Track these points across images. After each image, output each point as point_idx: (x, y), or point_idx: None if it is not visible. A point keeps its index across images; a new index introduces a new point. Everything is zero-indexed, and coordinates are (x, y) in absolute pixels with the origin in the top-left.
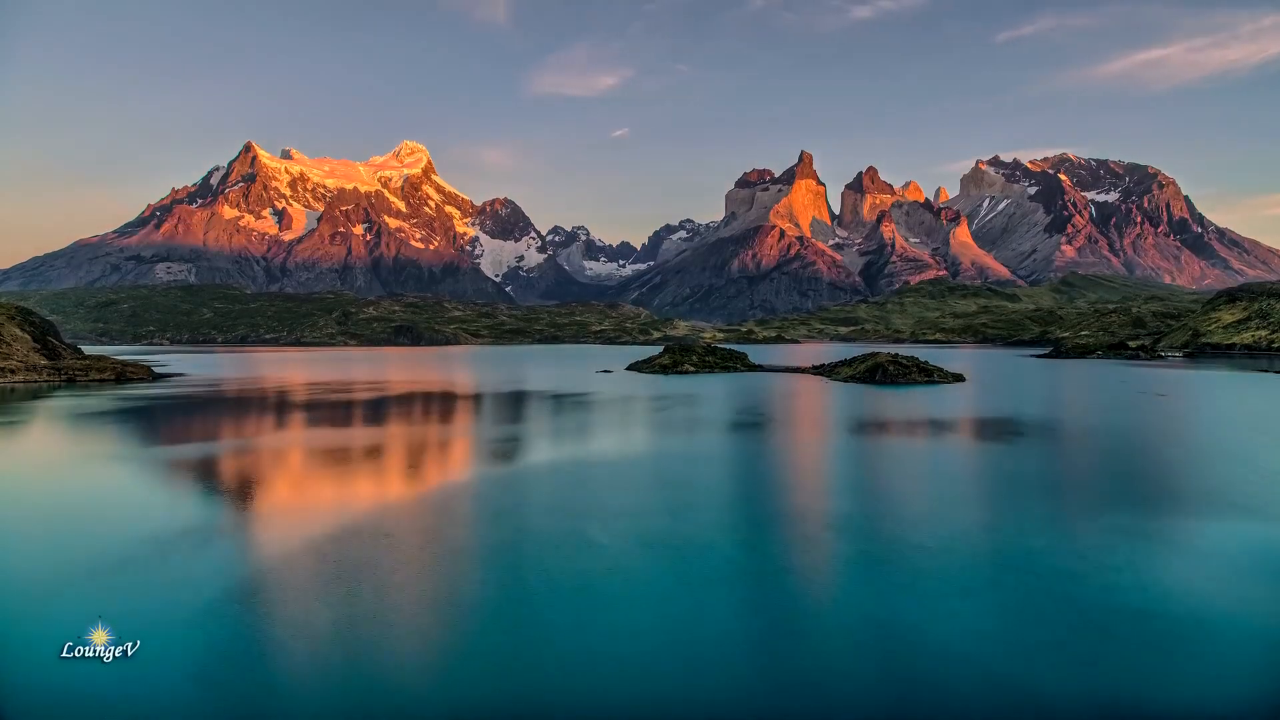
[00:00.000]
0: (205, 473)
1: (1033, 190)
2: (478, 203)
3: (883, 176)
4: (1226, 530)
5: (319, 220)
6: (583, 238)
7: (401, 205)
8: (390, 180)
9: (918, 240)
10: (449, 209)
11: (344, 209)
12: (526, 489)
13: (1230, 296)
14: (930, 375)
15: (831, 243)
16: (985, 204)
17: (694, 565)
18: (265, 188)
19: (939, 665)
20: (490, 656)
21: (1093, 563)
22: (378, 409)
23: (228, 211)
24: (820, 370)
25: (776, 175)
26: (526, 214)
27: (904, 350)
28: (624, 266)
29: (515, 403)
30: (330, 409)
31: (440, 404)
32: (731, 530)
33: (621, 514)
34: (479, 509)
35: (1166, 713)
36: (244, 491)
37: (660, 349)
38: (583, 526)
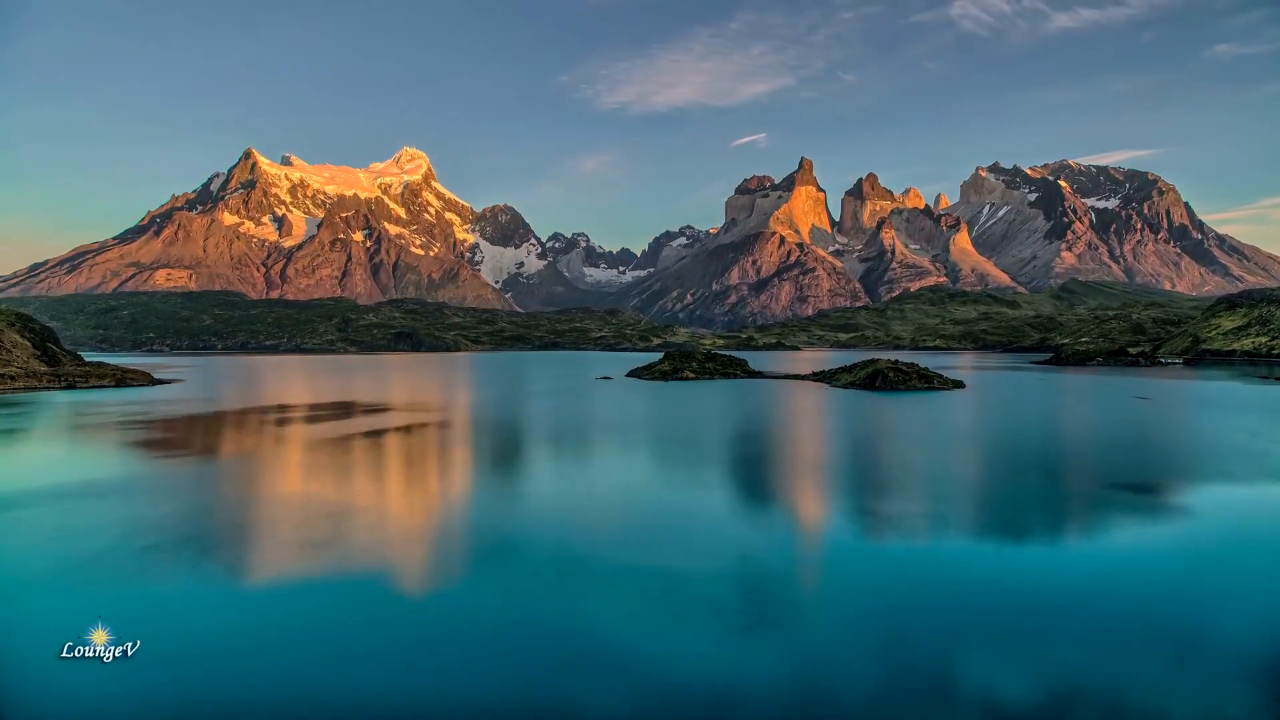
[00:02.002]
0: (204, 476)
1: (1033, 197)
2: (478, 209)
3: (883, 183)
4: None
5: (319, 227)
6: (583, 244)
7: (401, 212)
8: (390, 187)
9: (918, 247)
10: (449, 215)
11: (344, 215)
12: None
13: (1230, 303)
14: (930, 382)
15: (831, 249)
16: (985, 210)
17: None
18: (265, 194)
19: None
20: (487, 661)
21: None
22: (372, 422)
23: (228, 218)
24: (820, 377)
25: (776, 182)
26: (526, 220)
27: (904, 357)
28: (624, 273)
29: (519, 411)
30: (325, 423)
31: (441, 416)
32: (727, 551)
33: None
34: (474, 512)
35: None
36: (243, 494)
37: (660, 355)
38: (594, 530)
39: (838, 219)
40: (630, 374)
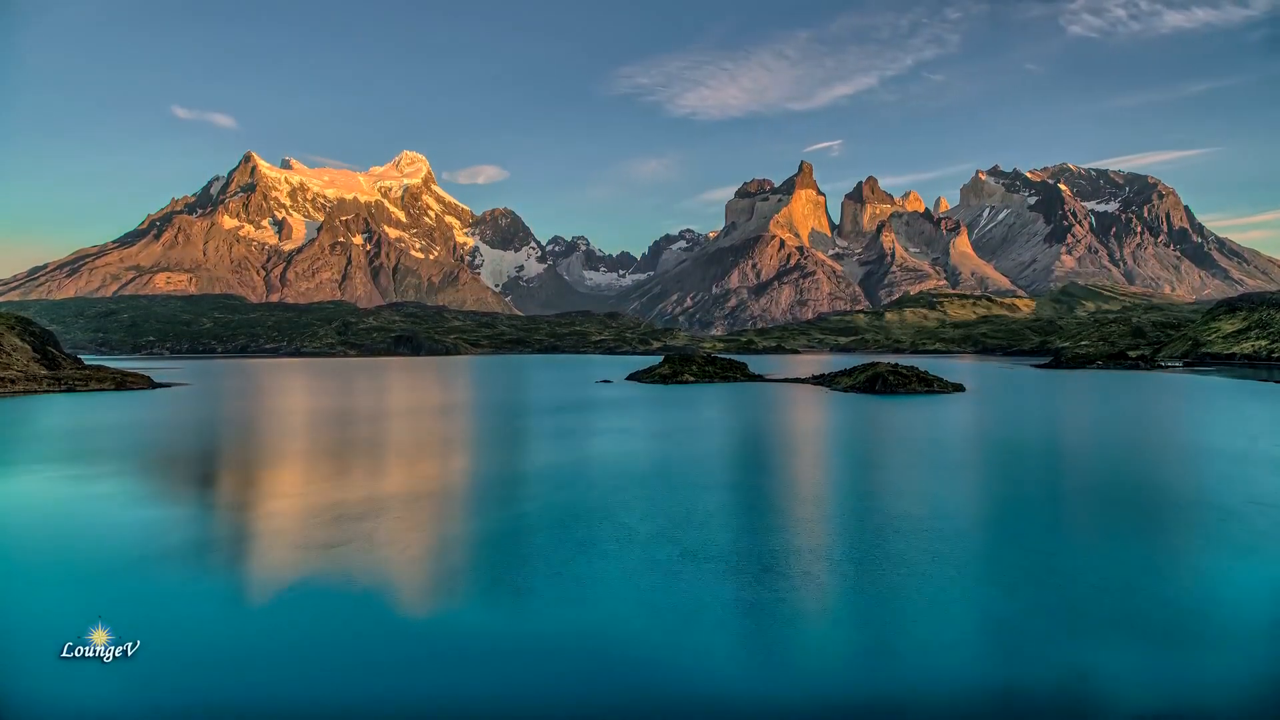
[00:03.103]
0: (202, 478)
1: (1032, 200)
2: (478, 212)
3: (882, 186)
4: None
5: (319, 230)
6: (583, 248)
7: (401, 215)
8: (390, 190)
9: (917, 250)
10: (449, 219)
11: (344, 219)
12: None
13: (1230, 307)
14: (930, 385)
15: (831, 253)
16: (985, 214)
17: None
18: (265, 198)
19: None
20: (490, 667)
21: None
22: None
23: (227, 221)
24: (820, 380)
25: (776, 185)
26: (526, 224)
27: (904, 360)
28: (624, 276)
29: (519, 419)
30: (324, 425)
31: (432, 417)
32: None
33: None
34: (480, 514)
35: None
36: (242, 496)
37: (660, 359)
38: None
39: (837, 222)
40: (630, 377)
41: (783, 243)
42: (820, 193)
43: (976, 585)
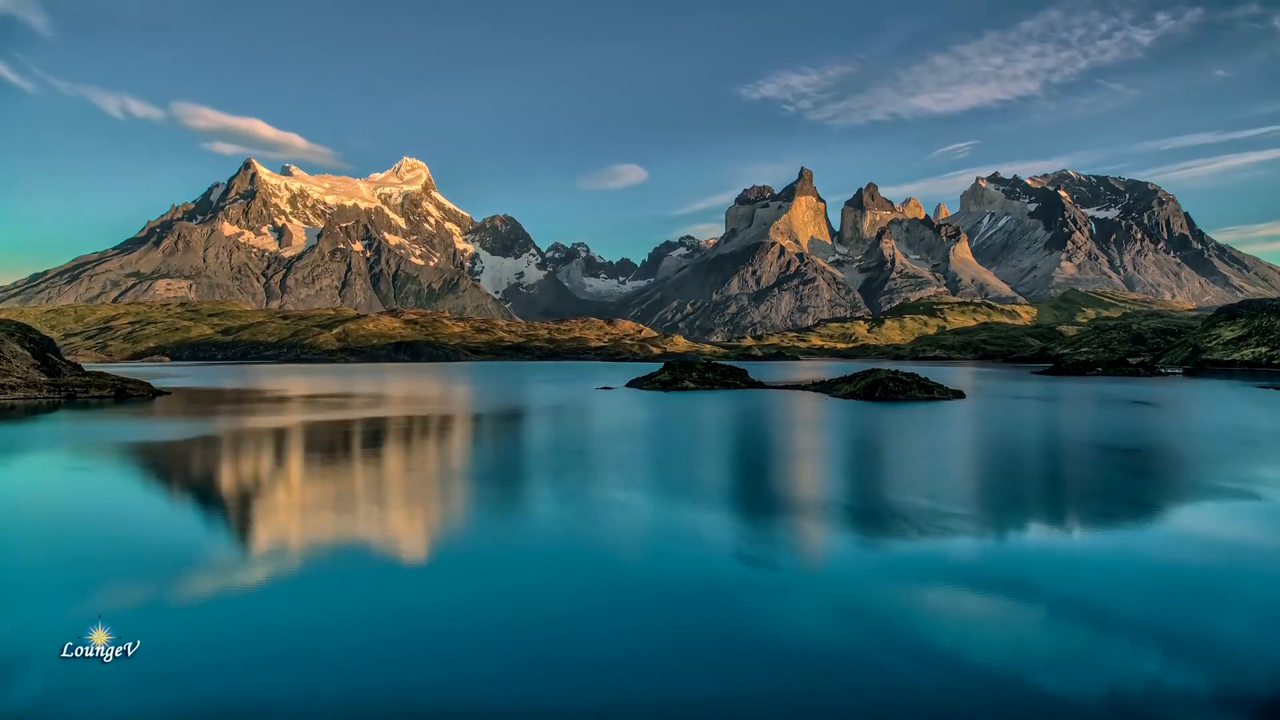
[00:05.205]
0: (203, 476)
1: (1033, 207)
2: (478, 219)
3: (883, 193)
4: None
5: (319, 237)
6: (583, 254)
7: (401, 222)
8: (390, 197)
9: (918, 257)
10: (449, 225)
11: (344, 225)
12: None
13: (1230, 313)
14: (930, 392)
15: (831, 259)
16: (985, 220)
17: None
18: (265, 204)
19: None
20: (502, 660)
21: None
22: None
23: (228, 228)
24: (820, 387)
25: (776, 192)
26: (526, 230)
27: (904, 367)
28: (624, 283)
29: (518, 419)
30: (324, 422)
31: (432, 420)
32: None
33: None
34: (480, 515)
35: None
36: (243, 494)
37: (660, 365)
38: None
39: (838, 229)
40: (630, 384)
41: (782, 249)
42: (820, 199)
43: (973, 583)
